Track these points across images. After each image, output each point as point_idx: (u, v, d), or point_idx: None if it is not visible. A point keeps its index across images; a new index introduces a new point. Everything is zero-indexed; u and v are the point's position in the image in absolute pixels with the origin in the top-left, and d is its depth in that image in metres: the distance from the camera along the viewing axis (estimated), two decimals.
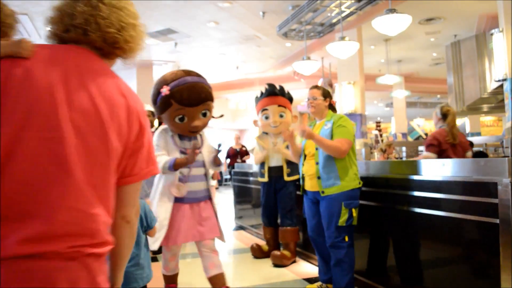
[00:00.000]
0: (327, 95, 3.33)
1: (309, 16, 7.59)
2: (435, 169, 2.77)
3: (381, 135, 14.34)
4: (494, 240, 2.26)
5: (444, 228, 2.66)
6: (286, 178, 4.33)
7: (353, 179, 3.07)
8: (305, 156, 3.33)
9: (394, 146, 8.34)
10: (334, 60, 9.13)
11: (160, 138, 2.94)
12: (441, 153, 3.86)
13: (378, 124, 20.08)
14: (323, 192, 3.09)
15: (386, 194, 3.22)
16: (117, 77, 1.21)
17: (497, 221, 2.24)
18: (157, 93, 2.79)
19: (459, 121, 18.64)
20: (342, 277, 3.02)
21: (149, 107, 4.60)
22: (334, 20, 7.85)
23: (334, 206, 3.03)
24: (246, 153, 10.36)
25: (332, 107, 3.40)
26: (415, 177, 2.93)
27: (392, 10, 5.61)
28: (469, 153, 4.11)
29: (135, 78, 11.61)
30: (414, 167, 3.04)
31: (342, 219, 2.99)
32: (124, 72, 11.73)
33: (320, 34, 8.47)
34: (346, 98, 8.58)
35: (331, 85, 10.65)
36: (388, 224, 3.24)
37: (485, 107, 10.42)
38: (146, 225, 2.44)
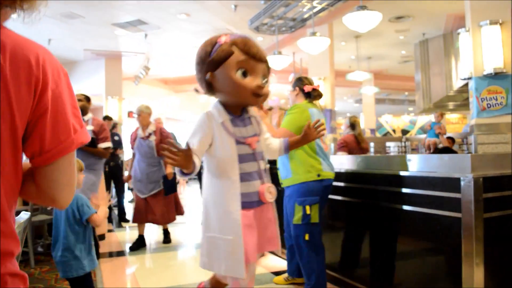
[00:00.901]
0: (295, 83, 3.27)
1: (281, 10, 7.59)
2: (401, 164, 2.82)
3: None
4: (457, 233, 2.31)
5: (410, 222, 2.71)
6: None
7: (307, 171, 2.92)
8: None
9: None
10: (305, 56, 9.16)
11: (203, 125, 2.02)
12: (350, 153, 4.58)
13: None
14: (281, 183, 3.13)
15: (354, 189, 3.26)
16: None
17: (460, 215, 2.30)
18: (212, 45, 2.04)
19: (425, 118, 19.08)
20: (310, 275, 2.96)
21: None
22: (306, 16, 7.88)
23: (289, 204, 3.02)
24: None
25: (308, 94, 3.21)
26: (382, 172, 2.97)
27: (363, 7, 5.68)
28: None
29: (104, 69, 11.39)
30: (381, 162, 3.08)
31: (296, 218, 2.92)
32: (92, 62, 11.52)
33: (291, 29, 8.48)
34: None
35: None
36: (356, 219, 3.28)
37: (450, 104, 10.69)
38: (79, 218, 2.53)
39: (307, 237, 2.90)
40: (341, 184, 3.34)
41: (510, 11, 5.47)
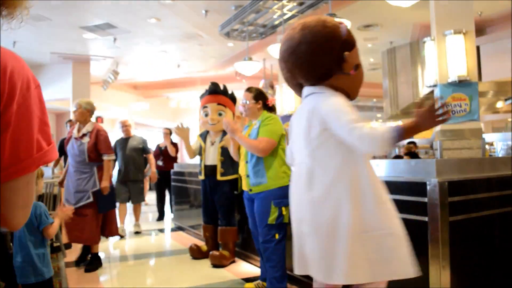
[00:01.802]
0: (259, 97, 3.39)
1: (252, 17, 7.62)
2: None
3: None
4: (424, 237, 2.36)
5: None
6: (219, 177, 4.32)
7: (281, 177, 3.11)
8: (240, 156, 3.45)
9: None
10: (276, 62, 9.21)
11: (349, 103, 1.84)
12: None
13: None
14: (250, 190, 3.18)
15: None
16: None
17: (426, 219, 2.35)
18: (334, 25, 1.83)
19: (393, 124, 19.43)
20: (273, 273, 3.09)
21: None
22: (276, 22, 7.93)
23: (264, 205, 3.11)
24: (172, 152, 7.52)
25: (269, 108, 3.47)
26: None
27: (332, 15, 5.75)
28: None
29: (71, 73, 11.16)
30: None
31: (272, 217, 3.06)
32: (60, 66, 11.27)
33: (262, 35, 8.52)
34: (286, 99, 8.69)
35: (272, 86, 10.79)
36: None
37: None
38: (37, 226, 2.53)
39: (276, 236, 3.08)
40: None
41: (473, 21, 5.66)
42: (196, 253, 4.66)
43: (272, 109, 3.50)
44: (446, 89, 5.45)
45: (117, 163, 6.14)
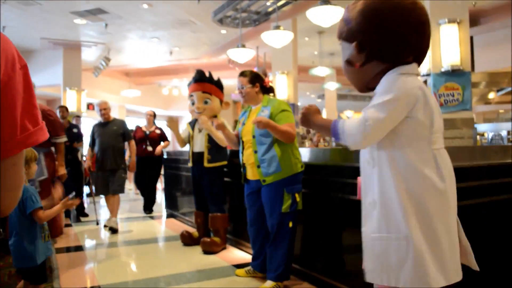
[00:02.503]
0: (255, 80, 3.27)
1: (245, 3, 7.55)
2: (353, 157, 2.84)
3: None
4: None
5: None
6: (206, 164, 4.30)
7: (294, 164, 3.06)
8: (243, 143, 3.27)
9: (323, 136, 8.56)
10: (269, 50, 9.17)
11: None
12: None
13: None
14: (264, 181, 3.06)
15: (314, 181, 3.28)
16: None
17: None
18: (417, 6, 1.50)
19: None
20: (281, 264, 3.03)
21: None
22: (270, 9, 7.87)
23: (276, 193, 3.02)
24: (160, 138, 7.17)
25: (267, 89, 3.35)
26: (343, 164, 3.00)
27: (326, 2, 5.72)
28: None
29: (62, 60, 11.03)
30: (341, 154, 3.12)
31: (286, 205, 2.99)
32: (50, 53, 11.13)
33: (255, 22, 8.46)
34: (280, 88, 8.66)
35: (265, 74, 10.74)
36: (315, 211, 3.31)
37: None
38: (24, 210, 2.46)
39: (290, 224, 3.03)
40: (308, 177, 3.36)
41: (467, 11, 5.65)
42: (187, 240, 4.66)
43: (270, 90, 3.37)
44: (439, 78, 5.45)
45: (96, 151, 5.64)
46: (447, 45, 5.44)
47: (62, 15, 8.65)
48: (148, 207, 7.11)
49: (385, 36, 1.42)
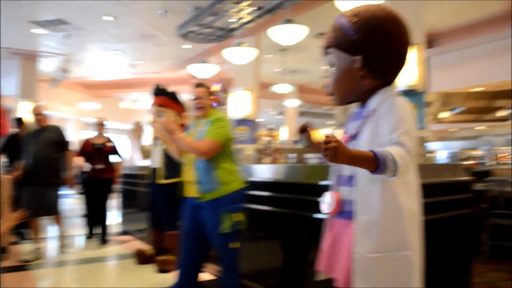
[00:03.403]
0: (211, 93, 3.23)
1: (210, 19, 7.60)
2: (319, 173, 2.89)
3: (271, 142, 14.74)
4: None
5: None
6: (161, 180, 4.20)
7: (234, 181, 2.96)
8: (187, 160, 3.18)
9: (283, 152, 8.65)
10: (232, 66, 9.23)
11: None
12: None
13: (270, 131, 20.73)
14: (202, 198, 2.94)
15: (273, 198, 3.30)
16: None
17: None
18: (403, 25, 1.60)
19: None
20: (233, 283, 2.95)
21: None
22: (234, 26, 7.95)
23: (215, 213, 2.89)
24: (111, 151, 6.01)
25: (217, 104, 3.29)
26: (300, 181, 3.04)
27: (289, 21, 5.83)
28: None
29: (19, 70, 10.71)
30: (300, 172, 3.16)
31: (225, 226, 2.86)
32: (6, 62, 10.78)
33: (219, 38, 8.51)
34: (241, 104, 8.71)
35: (225, 90, 10.78)
36: (273, 228, 3.33)
37: None
38: None
39: (233, 244, 2.91)
40: (261, 193, 3.38)
41: (423, 33, 5.91)
42: (142, 258, 4.55)
43: (221, 105, 3.37)
44: None
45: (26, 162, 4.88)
46: (404, 66, 5.65)
47: (20, 24, 8.44)
48: (102, 237, 5.81)
49: (390, 54, 1.45)
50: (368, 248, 1.38)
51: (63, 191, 5.10)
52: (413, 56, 5.65)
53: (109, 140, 6.05)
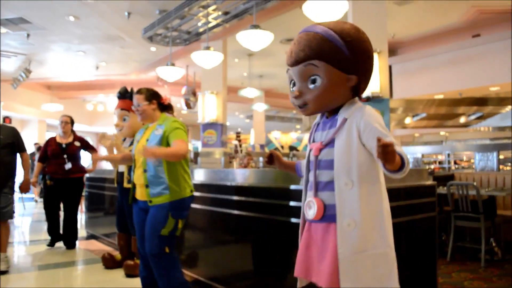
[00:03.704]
0: (151, 97, 3.14)
1: (176, 22, 7.56)
2: (287, 179, 2.93)
3: (240, 145, 14.74)
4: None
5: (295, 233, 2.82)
6: (126, 185, 4.13)
7: (183, 188, 2.94)
8: (135, 162, 3.09)
9: (252, 157, 8.68)
10: (199, 69, 9.20)
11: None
12: None
13: (238, 134, 20.74)
14: (150, 201, 2.90)
15: (244, 202, 3.31)
16: None
17: None
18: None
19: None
20: (171, 285, 2.88)
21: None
22: (201, 30, 7.94)
23: (160, 215, 2.87)
24: (79, 150, 5.63)
25: (165, 106, 3.22)
26: (268, 186, 3.07)
27: (256, 26, 5.87)
28: None
29: None
30: (267, 176, 3.18)
31: (166, 229, 2.85)
32: None
33: (186, 41, 8.48)
34: (209, 108, 8.70)
35: (194, 94, 10.75)
36: (238, 231, 3.34)
37: None
38: None
39: (167, 249, 2.88)
40: (236, 197, 3.38)
41: (386, 42, 6.05)
42: (110, 263, 4.48)
43: (168, 107, 3.24)
44: None
45: None
46: None
47: None
48: (68, 242, 5.56)
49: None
50: (351, 248, 1.45)
51: (18, 195, 4.76)
52: (376, 63, 5.78)
53: (77, 139, 5.66)
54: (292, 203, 2.79)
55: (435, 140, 16.37)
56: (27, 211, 9.84)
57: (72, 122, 5.70)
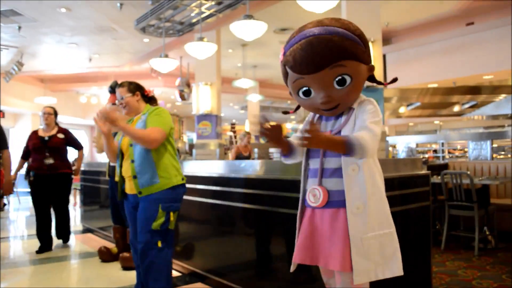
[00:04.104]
0: (134, 89, 3.05)
1: (169, 13, 7.50)
2: (285, 170, 2.92)
3: (235, 137, 14.73)
4: None
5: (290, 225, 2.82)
6: (117, 178, 4.13)
7: (174, 176, 2.83)
8: (122, 155, 3.01)
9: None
10: (193, 60, 9.15)
11: None
12: None
13: (233, 126, 20.73)
14: (140, 193, 2.79)
15: (241, 194, 3.31)
16: None
17: None
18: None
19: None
20: (156, 282, 2.77)
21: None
22: (194, 20, 7.88)
23: (151, 208, 2.76)
24: (66, 144, 5.24)
25: (149, 98, 3.14)
26: (263, 177, 3.06)
27: (250, 16, 5.83)
28: None
29: None
30: (270, 167, 3.17)
31: (157, 223, 2.74)
32: None
33: (179, 32, 8.42)
34: (203, 99, 8.66)
35: (188, 85, 10.71)
36: (238, 223, 3.34)
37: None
38: None
39: (159, 243, 2.76)
40: (233, 189, 3.38)
41: (380, 30, 6.03)
42: (106, 256, 4.48)
43: (152, 99, 3.15)
44: None
45: None
46: None
47: None
48: (62, 234, 5.40)
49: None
50: (362, 230, 1.56)
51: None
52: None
53: (62, 131, 5.21)
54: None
55: (429, 129, 16.40)
56: (23, 205, 9.81)
57: (56, 114, 5.29)
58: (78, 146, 5.40)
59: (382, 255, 1.59)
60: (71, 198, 8.89)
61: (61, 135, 5.14)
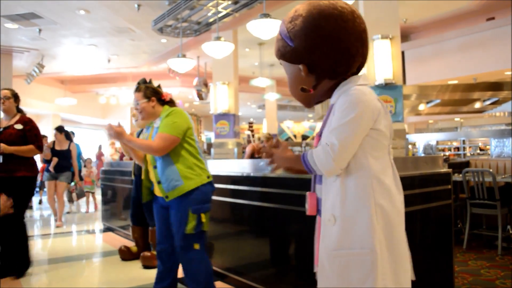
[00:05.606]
0: (151, 94, 2.99)
1: (186, 13, 7.53)
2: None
3: (253, 135, 14.74)
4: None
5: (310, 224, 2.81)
6: (143, 176, 4.12)
7: (198, 175, 2.79)
8: (146, 161, 2.98)
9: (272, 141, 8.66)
10: (210, 60, 9.18)
11: None
12: None
13: (250, 124, 20.75)
14: (167, 197, 2.78)
15: (259, 193, 3.31)
16: None
17: None
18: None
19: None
20: (196, 284, 2.77)
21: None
22: (211, 20, 7.90)
23: (181, 213, 2.75)
24: (22, 138, 3.96)
25: (167, 102, 3.05)
26: (281, 176, 3.05)
27: (266, 15, 5.82)
28: None
29: None
30: None
31: (190, 227, 2.72)
32: None
33: (196, 32, 8.45)
34: (220, 98, 8.68)
35: (206, 85, 10.75)
36: (258, 222, 3.34)
37: None
38: None
39: (196, 246, 2.75)
40: (253, 188, 3.38)
41: (398, 27, 5.96)
42: (126, 255, 4.53)
43: (171, 102, 3.07)
44: (373, 91, 5.69)
45: None
46: (380, 60, 5.70)
47: None
48: (9, 265, 3.95)
49: (334, 53, 1.35)
50: (328, 245, 1.35)
51: None
52: (388, 50, 5.70)
53: (22, 121, 4.06)
54: None
55: (450, 126, 16.16)
56: (44, 204, 9.99)
57: (16, 97, 4.25)
58: (32, 141, 4.01)
59: (343, 280, 1.31)
60: (91, 199, 8.94)
61: (18, 126, 4.00)
